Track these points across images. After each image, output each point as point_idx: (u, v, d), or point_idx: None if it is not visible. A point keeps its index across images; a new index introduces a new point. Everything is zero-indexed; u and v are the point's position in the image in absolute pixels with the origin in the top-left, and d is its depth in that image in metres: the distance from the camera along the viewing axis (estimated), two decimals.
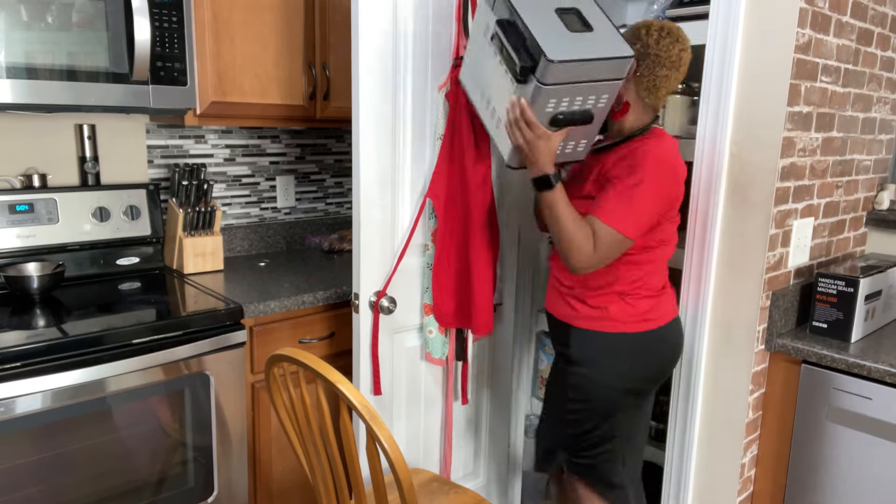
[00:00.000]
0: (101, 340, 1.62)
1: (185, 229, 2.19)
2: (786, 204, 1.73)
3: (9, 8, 1.63)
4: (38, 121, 2.06)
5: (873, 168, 2.11)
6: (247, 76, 2.10)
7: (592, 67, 1.42)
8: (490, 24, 1.51)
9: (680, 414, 1.89)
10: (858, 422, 1.68)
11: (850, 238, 2.09)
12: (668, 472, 1.94)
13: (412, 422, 1.99)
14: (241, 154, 2.51)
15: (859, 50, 1.86)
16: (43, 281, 1.84)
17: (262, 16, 2.10)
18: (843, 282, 1.75)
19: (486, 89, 1.60)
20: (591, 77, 1.44)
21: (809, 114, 1.73)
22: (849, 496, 1.71)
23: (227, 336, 1.82)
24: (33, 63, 1.68)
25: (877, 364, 1.62)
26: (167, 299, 1.91)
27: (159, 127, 2.29)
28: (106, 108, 1.81)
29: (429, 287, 1.90)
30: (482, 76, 1.60)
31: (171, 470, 1.79)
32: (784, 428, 1.82)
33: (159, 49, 1.85)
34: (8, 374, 1.49)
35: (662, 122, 2.15)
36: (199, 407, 1.81)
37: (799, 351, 1.74)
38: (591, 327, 1.66)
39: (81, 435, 1.62)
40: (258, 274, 2.23)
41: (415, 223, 1.84)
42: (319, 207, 2.77)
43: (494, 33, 1.49)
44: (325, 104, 2.29)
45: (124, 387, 1.66)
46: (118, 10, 1.77)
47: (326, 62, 2.27)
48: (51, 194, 2.02)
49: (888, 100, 2.08)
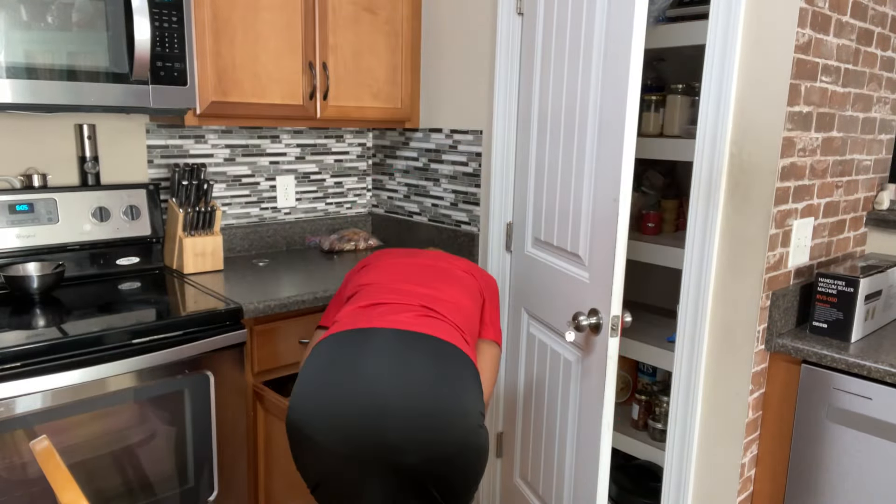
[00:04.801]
0: (101, 340, 1.62)
1: (185, 229, 2.19)
2: (786, 204, 1.73)
3: (9, 8, 1.63)
4: (38, 121, 2.06)
5: (873, 168, 2.11)
6: (247, 76, 2.10)
7: None
8: None
9: (680, 414, 1.89)
10: (858, 422, 1.68)
11: (850, 238, 2.09)
12: (668, 472, 1.94)
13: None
14: (241, 154, 2.51)
15: (859, 50, 1.86)
16: (43, 281, 1.84)
17: (261, 16, 2.10)
18: (843, 282, 1.75)
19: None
20: None
21: (809, 114, 1.73)
22: (849, 496, 1.71)
23: (227, 336, 1.82)
24: (33, 63, 1.68)
25: (877, 364, 1.62)
26: (167, 299, 1.91)
27: (159, 127, 2.29)
28: (106, 108, 1.81)
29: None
30: None
31: (171, 470, 1.79)
32: (784, 428, 1.82)
33: (159, 49, 1.85)
34: (8, 374, 1.49)
35: (662, 122, 2.15)
36: (199, 407, 1.81)
37: (799, 351, 1.74)
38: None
39: (81, 435, 1.62)
40: (258, 274, 2.23)
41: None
42: (319, 207, 2.77)
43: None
44: (324, 104, 2.29)
45: (124, 387, 1.66)
46: (118, 9, 1.77)
47: (326, 62, 2.27)
48: (51, 194, 2.02)
49: (888, 100, 2.08)
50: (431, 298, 1.54)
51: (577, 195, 1.79)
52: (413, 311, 1.47)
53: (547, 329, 2.02)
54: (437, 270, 1.65)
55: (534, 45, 2.02)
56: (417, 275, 1.62)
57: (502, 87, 2.21)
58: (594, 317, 1.68)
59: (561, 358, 1.93)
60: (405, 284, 1.58)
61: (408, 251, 1.77)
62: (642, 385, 2.36)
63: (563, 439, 1.93)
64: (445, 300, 1.55)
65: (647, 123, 2.18)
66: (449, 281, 1.62)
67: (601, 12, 1.64)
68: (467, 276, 1.69)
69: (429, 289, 1.57)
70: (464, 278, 1.67)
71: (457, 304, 1.57)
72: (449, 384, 1.34)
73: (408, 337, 1.39)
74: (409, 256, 1.72)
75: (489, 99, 2.31)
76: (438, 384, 1.33)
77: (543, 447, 2.06)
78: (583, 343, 1.78)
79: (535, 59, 2.01)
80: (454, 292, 1.59)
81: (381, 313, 1.47)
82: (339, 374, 1.35)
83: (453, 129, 2.46)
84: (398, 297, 1.52)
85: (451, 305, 1.55)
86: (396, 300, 1.52)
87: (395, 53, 2.46)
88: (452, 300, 1.57)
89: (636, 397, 2.32)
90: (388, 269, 1.65)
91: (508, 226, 2.27)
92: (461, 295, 1.60)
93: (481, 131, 2.35)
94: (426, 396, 1.31)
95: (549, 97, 1.94)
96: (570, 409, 1.89)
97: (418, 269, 1.65)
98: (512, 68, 2.17)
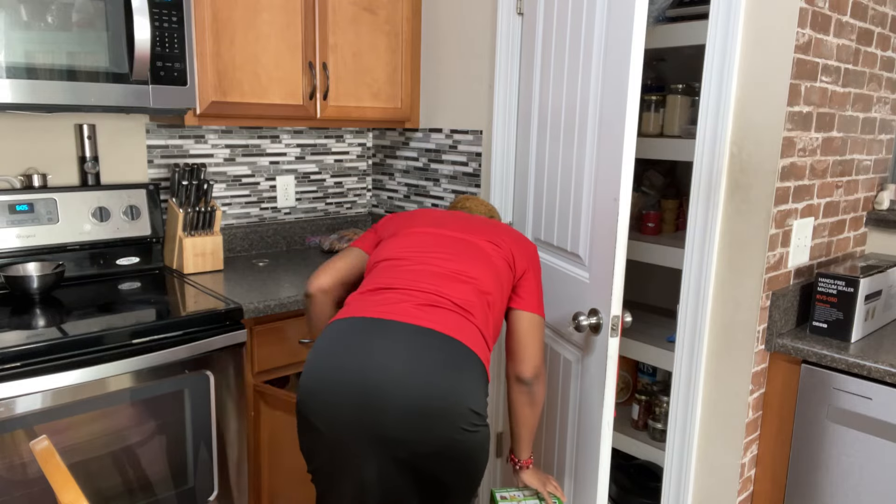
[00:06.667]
0: (101, 340, 1.62)
1: (185, 229, 2.19)
2: (786, 204, 1.73)
3: (9, 8, 1.63)
4: (38, 121, 2.05)
5: (873, 168, 2.11)
6: (247, 76, 2.10)
7: None
8: None
9: (680, 414, 1.89)
10: (858, 422, 1.68)
11: (850, 238, 2.09)
12: (668, 472, 1.94)
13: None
14: (241, 154, 2.51)
15: (859, 50, 1.86)
16: (43, 281, 1.84)
17: (261, 16, 2.10)
18: (843, 282, 1.75)
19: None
20: None
21: (809, 114, 1.73)
22: (849, 496, 1.71)
23: (227, 336, 1.82)
24: (33, 63, 1.68)
25: (877, 364, 1.62)
26: (167, 299, 1.91)
27: (159, 127, 2.29)
28: (106, 108, 1.81)
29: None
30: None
31: (171, 470, 1.79)
32: (784, 428, 1.82)
33: (159, 49, 1.85)
34: (8, 374, 1.49)
35: (662, 122, 2.15)
36: (199, 407, 1.81)
37: (799, 351, 1.74)
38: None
39: (81, 435, 1.62)
40: (258, 274, 2.23)
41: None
42: (319, 207, 2.77)
43: None
44: (324, 104, 2.29)
45: (124, 387, 1.66)
46: (118, 9, 1.77)
47: (326, 62, 2.27)
48: (51, 194, 2.02)
49: (888, 100, 2.08)
50: (445, 283, 1.49)
51: (577, 195, 1.79)
52: (420, 300, 1.46)
53: (547, 329, 2.02)
54: (464, 246, 1.57)
55: (534, 45, 2.02)
56: (439, 253, 1.55)
57: (502, 87, 2.21)
58: (594, 317, 1.68)
59: (561, 358, 1.93)
60: (422, 265, 1.53)
61: (438, 217, 1.67)
62: (642, 385, 2.36)
63: (563, 439, 1.93)
64: (462, 284, 1.50)
65: (647, 123, 2.18)
66: (473, 259, 1.55)
67: (601, 12, 1.64)
68: (496, 252, 1.59)
69: (446, 271, 1.52)
70: (492, 256, 1.58)
71: (477, 288, 1.51)
72: (444, 380, 1.34)
73: (414, 333, 1.39)
74: (437, 226, 1.63)
75: (489, 99, 2.31)
76: (433, 380, 1.34)
77: (543, 447, 2.06)
78: (583, 343, 1.78)
79: (535, 59, 2.01)
80: (476, 273, 1.53)
81: (393, 301, 1.45)
82: (343, 363, 1.37)
83: (453, 129, 2.46)
84: (410, 282, 1.49)
85: (467, 291, 1.49)
86: (407, 285, 1.49)
87: (395, 53, 2.46)
88: (470, 284, 1.51)
89: (636, 397, 2.32)
90: (411, 241, 1.59)
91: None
92: (485, 276, 1.53)
93: (481, 131, 2.35)
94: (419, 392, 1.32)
95: (549, 97, 1.93)
96: (570, 408, 1.89)
97: (443, 244, 1.58)
98: (512, 68, 2.17)
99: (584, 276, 1.76)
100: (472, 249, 1.56)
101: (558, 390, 1.95)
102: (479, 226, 1.64)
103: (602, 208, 1.66)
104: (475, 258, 1.55)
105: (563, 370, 1.92)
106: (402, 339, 1.38)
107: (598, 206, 1.69)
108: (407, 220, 1.68)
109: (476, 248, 1.57)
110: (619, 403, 2.52)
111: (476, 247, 1.57)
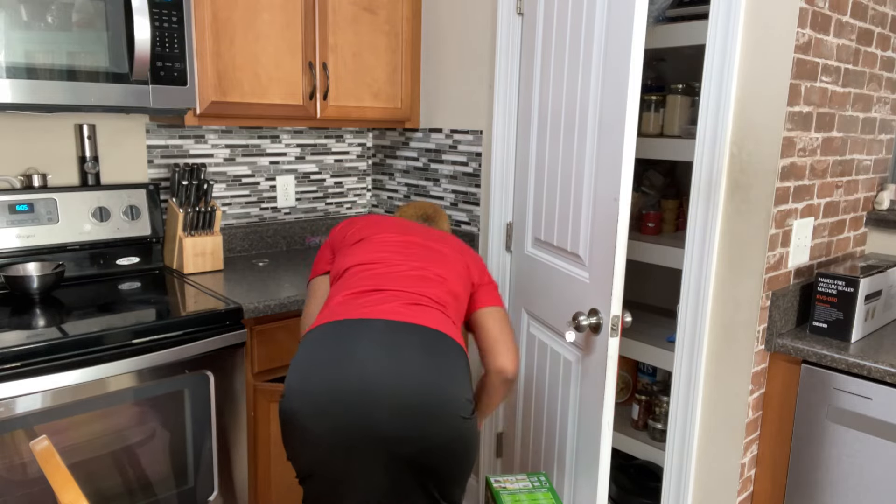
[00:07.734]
0: (101, 340, 1.62)
1: (185, 229, 2.19)
2: (786, 204, 1.73)
3: (9, 8, 1.63)
4: (38, 121, 2.06)
5: (873, 168, 2.11)
6: (247, 76, 2.10)
7: None
8: None
9: (680, 414, 1.89)
10: (858, 422, 1.68)
11: (850, 238, 2.09)
12: (668, 472, 1.94)
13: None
14: (241, 154, 2.51)
15: (859, 50, 1.86)
16: (43, 281, 1.84)
17: (261, 16, 2.10)
18: (843, 282, 1.75)
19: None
20: None
21: (809, 114, 1.73)
22: (849, 496, 1.71)
23: (227, 336, 1.82)
24: (33, 63, 1.68)
25: (877, 364, 1.62)
26: (167, 299, 1.91)
27: (159, 127, 2.29)
28: (106, 108, 1.81)
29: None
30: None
31: (171, 470, 1.79)
32: (784, 428, 1.82)
33: (159, 49, 1.85)
34: (8, 374, 1.49)
35: (662, 122, 2.15)
36: (199, 407, 1.81)
37: (799, 351, 1.74)
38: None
39: (81, 435, 1.62)
40: (258, 274, 2.23)
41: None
42: (319, 207, 2.77)
43: None
44: (324, 104, 2.29)
45: (124, 387, 1.66)
46: (118, 9, 1.77)
47: (326, 62, 2.27)
48: (51, 194, 2.02)
49: (888, 100, 2.08)
50: (422, 284, 1.55)
51: (577, 195, 1.79)
52: (404, 300, 1.50)
53: (547, 329, 2.02)
54: (429, 252, 1.65)
55: (534, 45, 2.02)
56: (410, 257, 1.62)
57: (502, 87, 2.21)
58: (594, 317, 1.68)
59: (561, 358, 1.93)
60: (397, 267, 1.59)
61: (400, 225, 1.74)
62: (642, 385, 2.36)
63: (563, 439, 1.93)
64: (436, 286, 1.57)
65: (647, 123, 2.18)
66: (440, 263, 1.63)
67: (601, 12, 1.64)
68: (457, 258, 1.68)
69: (420, 273, 1.58)
70: (455, 262, 1.66)
71: (448, 289, 1.58)
72: (438, 374, 1.36)
73: (398, 327, 1.42)
74: (403, 233, 1.70)
75: (489, 99, 2.31)
76: (428, 374, 1.36)
77: (543, 447, 2.06)
78: (583, 343, 1.78)
79: (535, 59, 2.01)
80: (445, 275, 1.60)
81: (373, 302, 1.49)
82: (329, 365, 1.37)
83: (453, 129, 2.46)
84: (390, 283, 1.54)
85: (441, 290, 1.56)
86: (389, 286, 1.53)
87: (395, 53, 2.46)
88: (443, 285, 1.58)
89: (636, 397, 2.32)
90: (382, 247, 1.65)
91: (508, 226, 2.27)
92: (453, 279, 1.61)
93: (481, 131, 2.35)
94: (415, 387, 1.34)
95: (549, 97, 1.93)
96: (570, 409, 1.89)
97: (412, 249, 1.65)
98: (512, 68, 2.17)
99: (584, 276, 1.76)
100: (437, 255, 1.65)
101: (558, 390, 1.95)
102: (435, 235, 1.74)
103: (602, 208, 1.66)
104: (441, 263, 1.63)
105: (562, 370, 1.92)
106: (384, 338, 1.40)
107: (598, 206, 1.69)
108: (373, 226, 1.73)
109: (440, 254, 1.65)
110: (619, 403, 2.52)
111: (440, 253, 1.66)
